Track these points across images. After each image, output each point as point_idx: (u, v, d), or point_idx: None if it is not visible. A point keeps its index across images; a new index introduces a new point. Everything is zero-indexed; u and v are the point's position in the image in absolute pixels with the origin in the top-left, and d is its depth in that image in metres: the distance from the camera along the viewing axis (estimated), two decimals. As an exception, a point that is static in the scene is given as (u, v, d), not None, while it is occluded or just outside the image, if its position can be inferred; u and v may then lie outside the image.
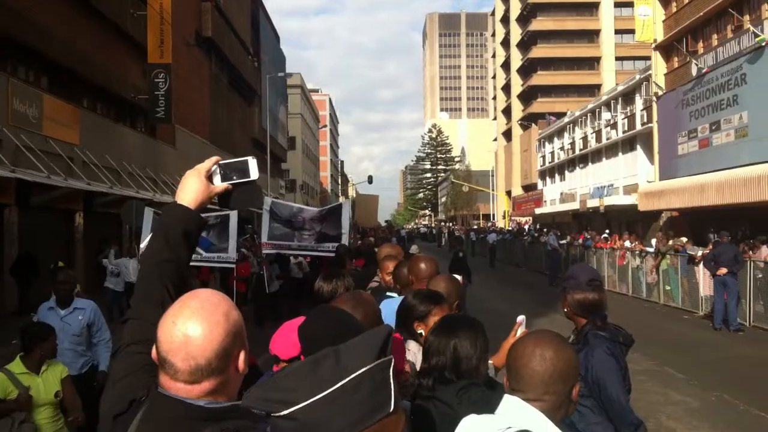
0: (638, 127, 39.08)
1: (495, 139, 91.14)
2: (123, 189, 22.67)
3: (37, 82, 20.71)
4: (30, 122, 18.64)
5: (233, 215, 13.17)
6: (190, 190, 1.96)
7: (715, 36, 30.36)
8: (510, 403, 2.14)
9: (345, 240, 12.47)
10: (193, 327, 1.56)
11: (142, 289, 1.91)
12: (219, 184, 2.00)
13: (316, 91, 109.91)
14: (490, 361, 3.37)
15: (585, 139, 49.62)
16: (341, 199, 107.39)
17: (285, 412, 1.20)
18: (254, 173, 2.03)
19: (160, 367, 1.60)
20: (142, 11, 26.95)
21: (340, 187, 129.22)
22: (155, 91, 27.17)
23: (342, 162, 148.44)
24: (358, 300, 2.67)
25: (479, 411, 2.34)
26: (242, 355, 1.65)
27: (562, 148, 55.60)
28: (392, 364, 1.27)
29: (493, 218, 79.11)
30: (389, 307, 3.79)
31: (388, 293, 4.88)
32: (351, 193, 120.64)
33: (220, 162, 2.01)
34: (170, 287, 1.86)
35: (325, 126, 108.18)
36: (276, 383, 1.26)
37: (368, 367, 1.22)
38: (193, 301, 1.61)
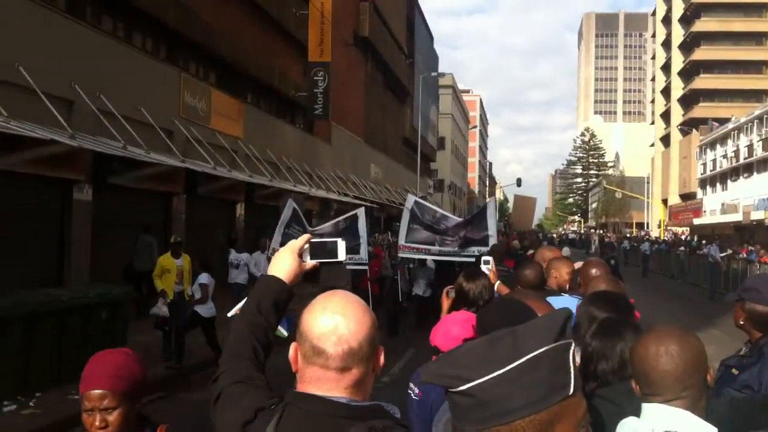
0: (811, 135, 36.54)
1: (652, 145, 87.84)
2: (281, 182, 23.47)
3: (206, 77, 21.83)
4: (199, 115, 19.66)
5: (361, 213, 12.99)
6: (284, 265, 2.09)
7: None
8: (651, 410, 2.06)
9: (493, 242, 11.98)
10: (343, 313, 1.63)
11: (232, 345, 2.00)
12: (308, 262, 2.14)
13: (467, 91, 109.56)
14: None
15: (750, 146, 47.00)
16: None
17: (462, 387, 1.20)
18: (342, 255, 2.17)
19: (306, 361, 1.65)
20: (304, 11, 27.83)
21: (487, 188, 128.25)
22: (314, 89, 28.00)
23: (490, 164, 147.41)
24: (543, 299, 2.57)
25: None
26: (381, 353, 1.71)
27: (725, 156, 52.85)
28: (573, 347, 1.25)
29: (648, 227, 76.15)
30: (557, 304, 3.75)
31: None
32: (498, 195, 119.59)
33: (312, 241, 2.15)
34: (258, 347, 1.96)
35: (475, 127, 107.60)
36: (453, 359, 1.26)
37: (546, 347, 1.20)
38: (336, 295, 1.70)
